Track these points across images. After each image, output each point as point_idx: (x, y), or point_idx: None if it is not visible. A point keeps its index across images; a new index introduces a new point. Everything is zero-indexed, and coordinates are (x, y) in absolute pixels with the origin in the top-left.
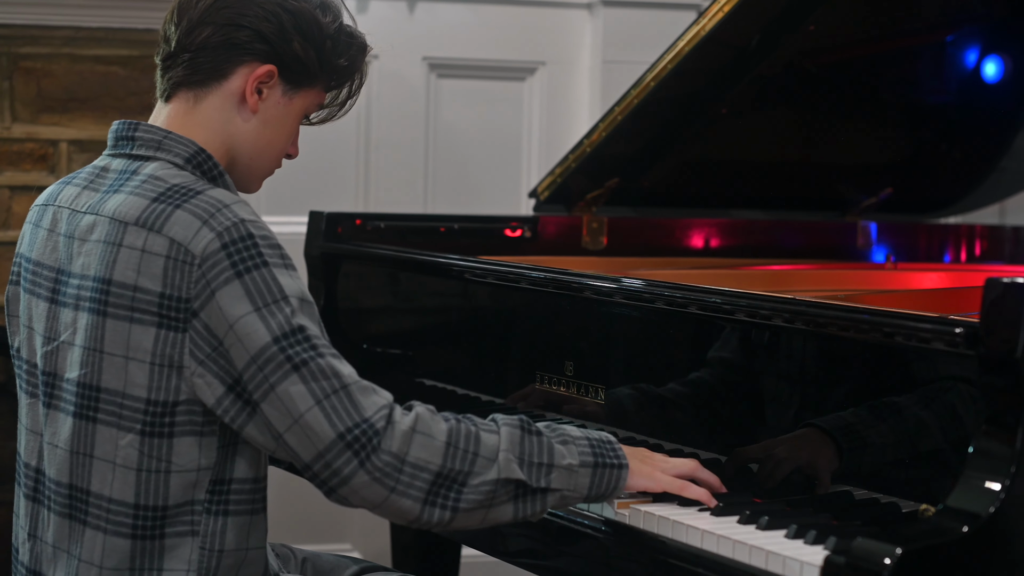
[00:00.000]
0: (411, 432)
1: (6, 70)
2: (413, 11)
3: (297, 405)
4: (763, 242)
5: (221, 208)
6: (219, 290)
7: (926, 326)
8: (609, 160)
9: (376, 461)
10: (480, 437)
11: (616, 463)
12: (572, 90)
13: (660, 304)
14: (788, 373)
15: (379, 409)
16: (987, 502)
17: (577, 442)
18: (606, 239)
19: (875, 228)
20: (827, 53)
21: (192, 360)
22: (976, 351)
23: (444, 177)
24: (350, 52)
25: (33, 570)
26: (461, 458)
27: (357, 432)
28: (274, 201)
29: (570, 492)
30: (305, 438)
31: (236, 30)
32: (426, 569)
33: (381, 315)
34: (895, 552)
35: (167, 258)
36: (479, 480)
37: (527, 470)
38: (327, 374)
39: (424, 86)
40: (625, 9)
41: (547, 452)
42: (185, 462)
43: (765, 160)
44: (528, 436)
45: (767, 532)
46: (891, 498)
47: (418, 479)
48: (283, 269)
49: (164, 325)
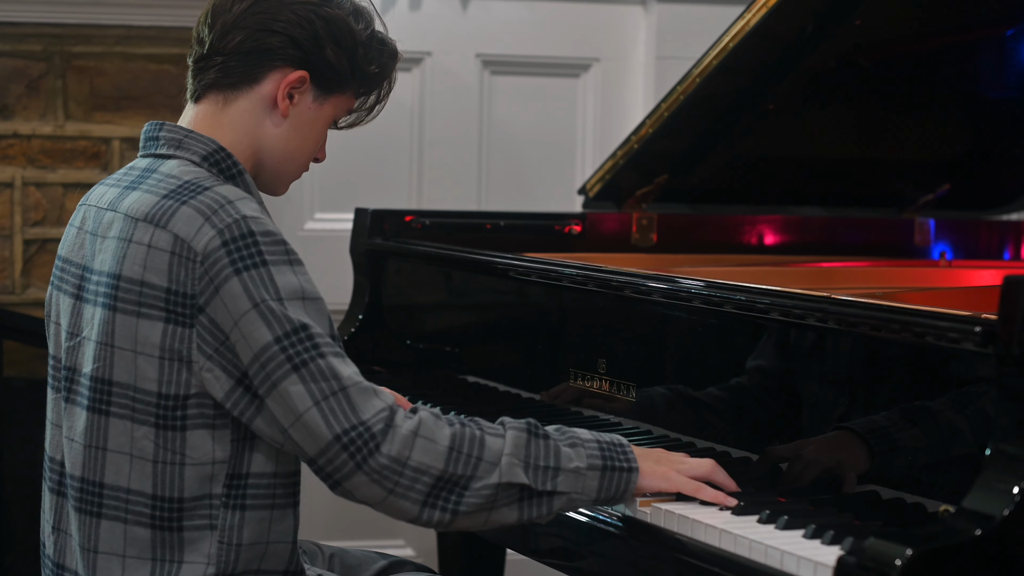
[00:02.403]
0: (413, 436)
1: (59, 69)
2: (467, 8)
3: (297, 405)
4: (818, 239)
5: (224, 204)
6: (222, 287)
7: (944, 324)
8: (657, 157)
9: (373, 463)
10: (484, 441)
11: (626, 466)
12: (626, 87)
13: (675, 301)
14: (814, 372)
15: (377, 412)
16: (1002, 504)
17: (586, 444)
18: (656, 236)
19: (933, 225)
20: (883, 48)
21: (200, 355)
22: (994, 350)
23: (498, 174)
24: (381, 59)
25: (58, 563)
26: (464, 462)
27: (354, 434)
28: (328, 198)
29: (578, 495)
30: (307, 435)
31: (270, 35)
32: (471, 568)
33: (425, 312)
34: (906, 553)
35: (171, 254)
36: (480, 484)
37: (531, 473)
38: (327, 375)
39: (477, 83)
40: (679, 5)
41: (554, 455)
42: (199, 455)
43: (820, 156)
44: (534, 439)
45: (785, 532)
46: (917, 498)
47: (419, 482)
48: (285, 266)
49: (171, 320)
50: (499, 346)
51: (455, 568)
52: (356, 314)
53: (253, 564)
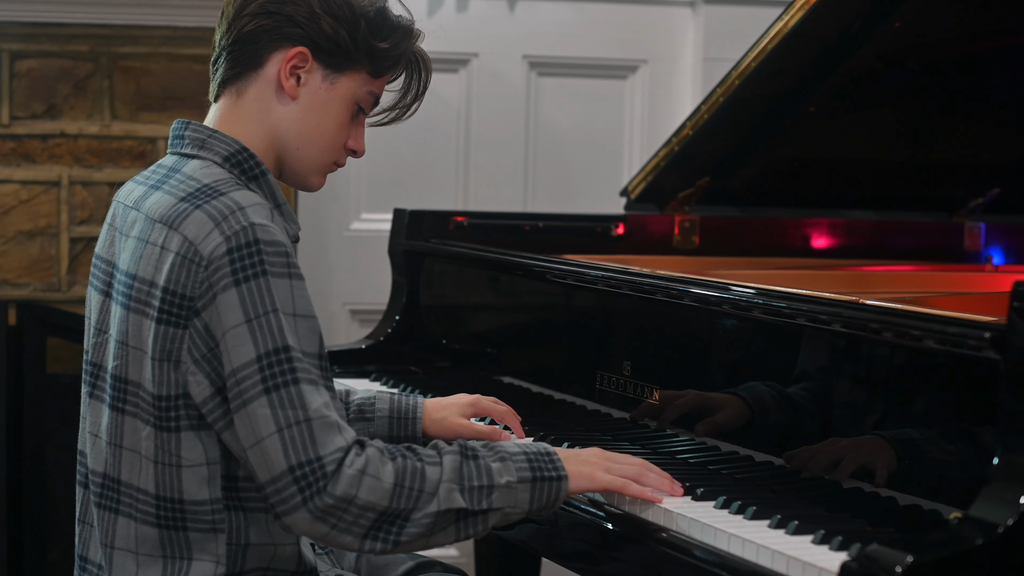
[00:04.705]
0: (360, 475)
1: (106, 69)
2: (514, 9)
3: (260, 428)
4: (864, 243)
5: (235, 211)
6: (219, 295)
7: (954, 329)
8: (698, 158)
9: (319, 502)
10: (425, 472)
11: (554, 475)
12: (674, 88)
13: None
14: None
15: (335, 451)
16: (1007, 514)
17: (515, 458)
18: (698, 238)
19: (984, 229)
20: (932, 50)
21: (188, 357)
22: (1003, 355)
23: (544, 176)
24: (394, 36)
25: (83, 555)
26: (407, 496)
27: (307, 469)
28: (374, 199)
29: (511, 508)
30: (262, 460)
31: (267, 18)
32: (507, 573)
33: (461, 312)
34: (906, 560)
35: (177, 255)
36: (421, 514)
37: (467, 495)
38: (295, 404)
39: (524, 84)
40: (727, 6)
41: (485, 473)
42: (193, 457)
43: (867, 159)
44: (467, 461)
45: (794, 537)
46: (935, 505)
47: (363, 518)
48: (284, 279)
49: (164, 321)
50: (537, 348)
51: (491, 573)
52: (393, 314)
53: (263, 563)
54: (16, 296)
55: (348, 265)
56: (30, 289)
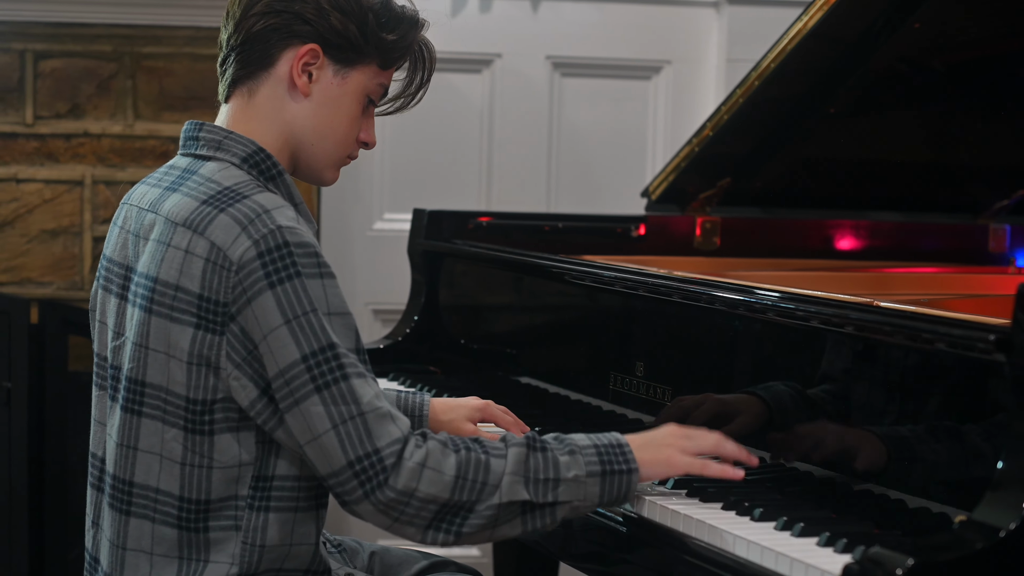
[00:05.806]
0: (420, 468)
1: (129, 69)
2: (537, 10)
3: (316, 425)
4: (888, 244)
5: (260, 214)
6: (255, 299)
7: (959, 331)
8: (719, 159)
9: (380, 496)
10: (489, 464)
11: (624, 468)
12: (698, 89)
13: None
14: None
15: (392, 442)
16: (1009, 518)
17: (584, 451)
18: (719, 240)
19: (1009, 231)
20: (954, 52)
21: (228, 363)
22: (1008, 357)
23: (567, 176)
24: (400, 27)
25: (94, 557)
26: (469, 489)
27: (366, 463)
28: (397, 199)
29: (580, 502)
30: (321, 455)
31: (275, 16)
32: (525, 574)
33: (480, 312)
34: (907, 563)
35: (207, 261)
36: (484, 506)
37: (532, 488)
38: (347, 399)
39: (547, 85)
40: (751, 7)
41: (552, 467)
42: (226, 458)
43: (890, 160)
44: (533, 453)
45: (800, 539)
46: (943, 508)
47: (425, 510)
48: (317, 279)
49: (202, 327)
50: (554, 348)
51: (508, 573)
52: (412, 314)
53: (275, 564)
54: (39, 295)
55: (371, 265)
56: (53, 288)
